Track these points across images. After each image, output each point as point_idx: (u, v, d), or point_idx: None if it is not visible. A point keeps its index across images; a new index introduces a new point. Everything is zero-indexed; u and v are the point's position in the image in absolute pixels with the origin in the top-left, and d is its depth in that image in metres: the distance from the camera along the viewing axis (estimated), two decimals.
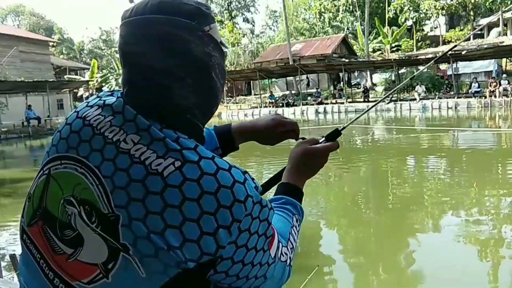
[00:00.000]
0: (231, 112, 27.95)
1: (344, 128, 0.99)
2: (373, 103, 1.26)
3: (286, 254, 0.77)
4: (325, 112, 24.26)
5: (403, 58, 27.96)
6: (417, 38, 35.73)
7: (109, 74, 36.69)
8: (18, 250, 4.14)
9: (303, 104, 25.91)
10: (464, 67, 25.67)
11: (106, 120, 0.71)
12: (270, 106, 26.99)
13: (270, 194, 0.94)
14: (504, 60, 26.36)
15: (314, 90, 28.89)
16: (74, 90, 31.01)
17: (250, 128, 1.06)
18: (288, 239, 0.80)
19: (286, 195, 0.87)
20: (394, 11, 35.36)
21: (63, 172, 0.72)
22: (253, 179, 0.70)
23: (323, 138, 0.95)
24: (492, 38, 31.96)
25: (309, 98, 27.91)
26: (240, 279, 0.70)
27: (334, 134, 0.95)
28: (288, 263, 0.77)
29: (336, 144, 0.94)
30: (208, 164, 0.66)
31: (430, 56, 25.41)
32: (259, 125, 1.04)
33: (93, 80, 33.31)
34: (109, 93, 0.80)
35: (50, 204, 0.72)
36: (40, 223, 0.72)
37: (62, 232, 0.69)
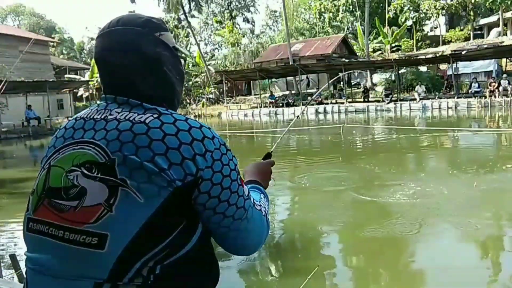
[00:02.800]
0: (231, 112, 27.93)
1: (272, 150, 1.32)
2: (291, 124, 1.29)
3: (259, 206, 0.94)
4: (325, 112, 24.24)
5: (403, 58, 27.95)
6: (417, 38, 35.71)
7: None
8: (18, 250, 4.14)
9: (303, 104, 25.88)
10: (464, 67, 25.64)
11: (93, 109, 0.91)
12: (270, 106, 26.97)
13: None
14: (504, 60, 26.33)
15: (314, 90, 28.85)
16: (74, 90, 30.95)
17: None
18: (260, 200, 0.97)
19: (251, 184, 1.08)
20: (394, 11, 35.31)
21: (61, 157, 0.86)
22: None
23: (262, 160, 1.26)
24: (492, 38, 31.95)
25: (309, 98, 27.87)
26: (222, 202, 0.84)
27: (267, 156, 1.28)
28: (263, 213, 0.94)
29: (272, 161, 1.22)
30: (179, 116, 0.85)
31: (430, 56, 25.39)
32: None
33: (93, 80, 33.15)
34: None
35: (53, 182, 0.85)
36: (46, 201, 0.84)
37: (66, 194, 0.82)
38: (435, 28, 37.86)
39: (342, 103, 25.00)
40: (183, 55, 1.14)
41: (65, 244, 0.79)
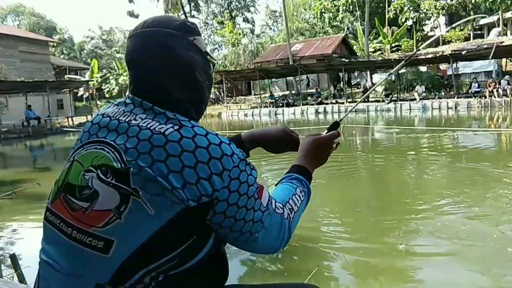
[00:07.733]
0: (231, 112, 27.92)
1: (341, 119, 1.17)
2: (367, 93, 1.28)
3: (281, 208, 0.91)
4: (325, 112, 24.23)
5: (403, 58, 27.94)
6: (417, 38, 35.71)
7: (108, 74, 36.59)
8: (18, 250, 4.14)
9: (303, 104, 25.89)
10: (464, 67, 25.64)
11: (120, 110, 0.90)
12: (270, 106, 26.96)
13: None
14: (504, 60, 26.32)
15: (314, 90, 28.86)
16: (74, 90, 30.92)
17: (260, 135, 1.20)
18: (287, 201, 0.93)
19: (296, 173, 1.02)
20: (394, 11, 35.31)
21: (84, 154, 0.87)
22: (236, 147, 0.85)
23: (326, 131, 1.11)
24: (492, 38, 31.93)
25: (309, 98, 27.87)
26: (238, 221, 0.83)
27: (334, 126, 1.12)
28: (285, 217, 0.90)
29: (337, 132, 1.11)
30: (199, 129, 0.83)
31: (430, 56, 25.39)
32: (270, 133, 1.19)
33: (93, 80, 33.18)
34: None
35: (71, 178, 0.86)
36: (62, 195, 0.86)
37: (80, 193, 0.83)
38: (435, 28, 37.85)
39: (342, 103, 24.99)
40: (213, 60, 1.04)
41: (72, 242, 0.81)
